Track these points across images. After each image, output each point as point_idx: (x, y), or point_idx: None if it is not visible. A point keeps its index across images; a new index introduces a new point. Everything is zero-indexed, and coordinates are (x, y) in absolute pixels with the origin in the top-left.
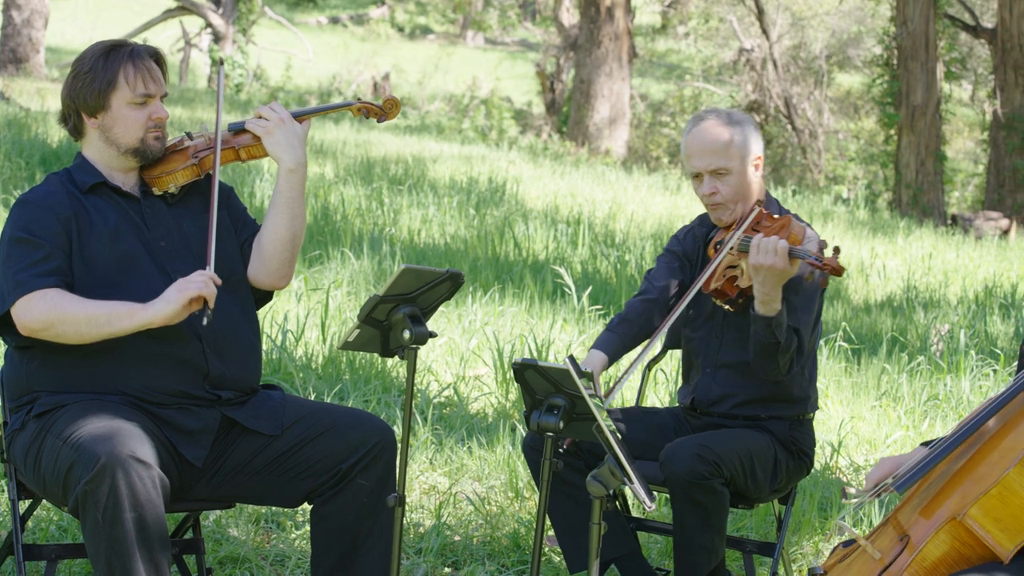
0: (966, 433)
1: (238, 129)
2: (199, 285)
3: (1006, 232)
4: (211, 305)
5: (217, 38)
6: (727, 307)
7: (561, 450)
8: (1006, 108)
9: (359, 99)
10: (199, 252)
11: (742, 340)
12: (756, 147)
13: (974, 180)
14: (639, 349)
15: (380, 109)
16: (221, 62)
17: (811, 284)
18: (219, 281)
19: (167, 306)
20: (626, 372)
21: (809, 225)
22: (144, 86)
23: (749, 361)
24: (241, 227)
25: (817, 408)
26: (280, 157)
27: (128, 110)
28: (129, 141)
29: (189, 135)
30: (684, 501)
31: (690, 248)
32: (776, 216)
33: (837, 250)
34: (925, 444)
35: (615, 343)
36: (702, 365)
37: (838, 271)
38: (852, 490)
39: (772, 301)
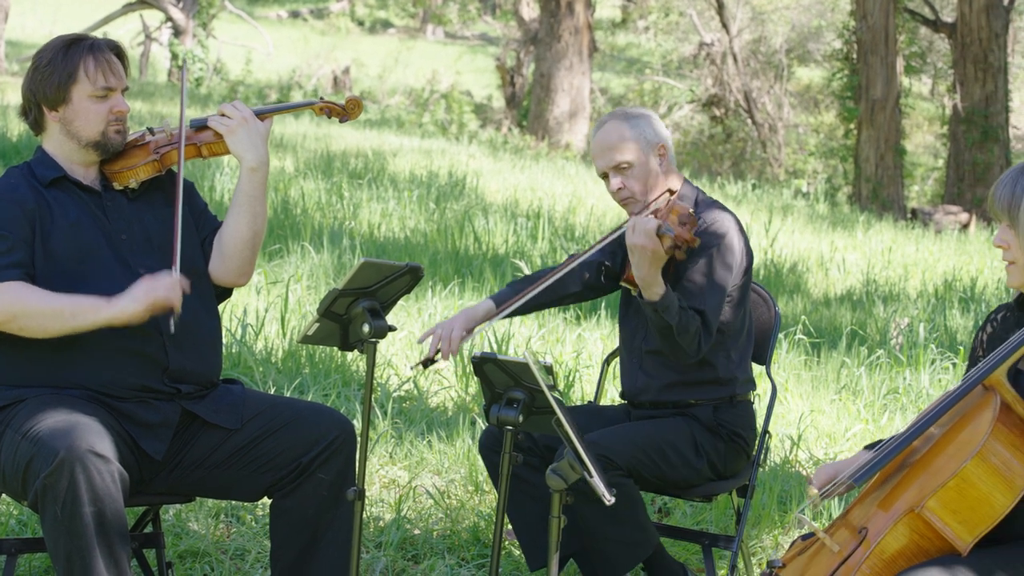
0: (924, 426)
1: (200, 126)
2: (167, 290)
3: (966, 226)
4: (177, 311)
5: (177, 32)
6: (635, 292)
7: (410, 369)
8: (966, 102)
9: (322, 98)
10: (160, 245)
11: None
12: (656, 136)
13: (934, 174)
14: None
15: (342, 109)
16: (184, 62)
17: (713, 262)
18: (188, 290)
19: (133, 304)
20: (489, 320)
21: (728, 211)
22: (105, 79)
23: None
24: (202, 223)
25: (752, 389)
26: (242, 156)
27: (89, 103)
28: (90, 134)
29: (151, 130)
30: (580, 501)
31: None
32: (681, 203)
33: (692, 218)
34: (868, 447)
35: (506, 293)
36: (628, 356)
37: (690, 242)
38: (815, 490)
39: (651, 284)
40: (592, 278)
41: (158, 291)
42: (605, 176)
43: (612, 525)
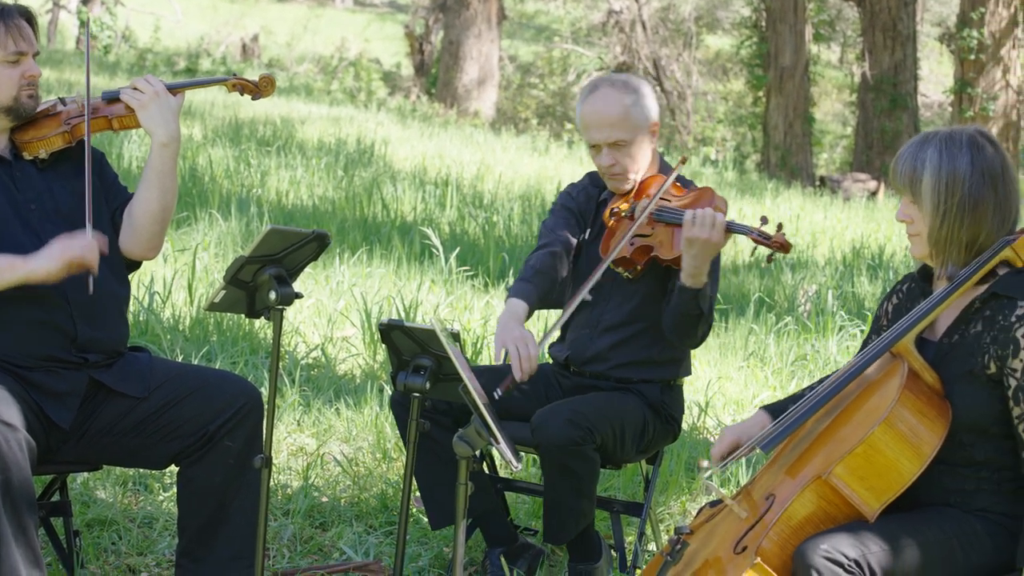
0: (831, 393)
1: (112, 98)
2: (82, 247)
3: (874, 194)
4: (94, 271)
5: None
6: (627, 275)
7: (497, 395)
8: (874, 70)
9: (235, 75)
10: (69, 216)
11: (628, 305)
12: (653, 114)
13: (842, 142)
14: (561, 313)
15: (255, 87)
16: (88, 27)
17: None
18: (105, 249)
19: (49, 263)
20: (554, 325)
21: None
22: (15, 44)
23: (628, 323)
24: (113, 195)
25: (688, 373)
26: (153, 131)
27: (1, 68)
28: (3, 99)
29: (62, 100)
30: (556, 467)
31: (584, 206)
32: (680, 186)
33: (780, 226)
34: (764, 408)
35: (534, 294)
36: (583, 324)
37: (786, 247)
38: (705, 463)
39: (701, 274)
40: (569, 249)
41: (74, 250)
42: (595, 146)
43: (572, 496)
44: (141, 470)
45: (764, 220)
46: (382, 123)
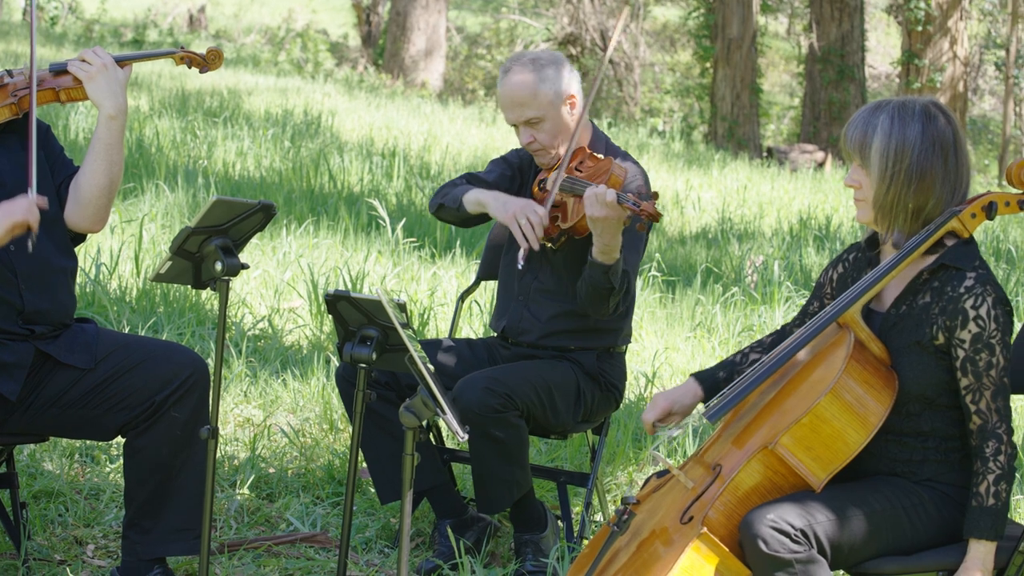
0: (777, 363)
1: (60, 70)
2: (23, 210)
3: (821, 165)
4: (35, 230)
5: None
6: (549, 245)
7: (521, 265)
8: (822, 41)
9: (183, 48)
10: (12, 190)
11: (556, 272)
12: (567, 87)
13: (790, 113)
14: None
15: (203, 60)
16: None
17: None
18: (45, 206)
19: None
20: (556, 180)
21: (632, 160)
22: None
23: (561, 292)
24: (59, 168)
25: (629, 342)
26: (101, 103)
27: None
28: None
29: (9, 72)
30: (479, 435)
31: (526, 167)
32: (599, 156)
33: (655, 195)
34: (695, 376)
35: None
36: (516, 294)
37: (654, 216)
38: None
39: (612, 250)
40: (503, 185)
41: (15, 213)
42: (515, 126)
43: (500, 464)
44: (88, 442)
45: (642, 189)
46: (329, 94)
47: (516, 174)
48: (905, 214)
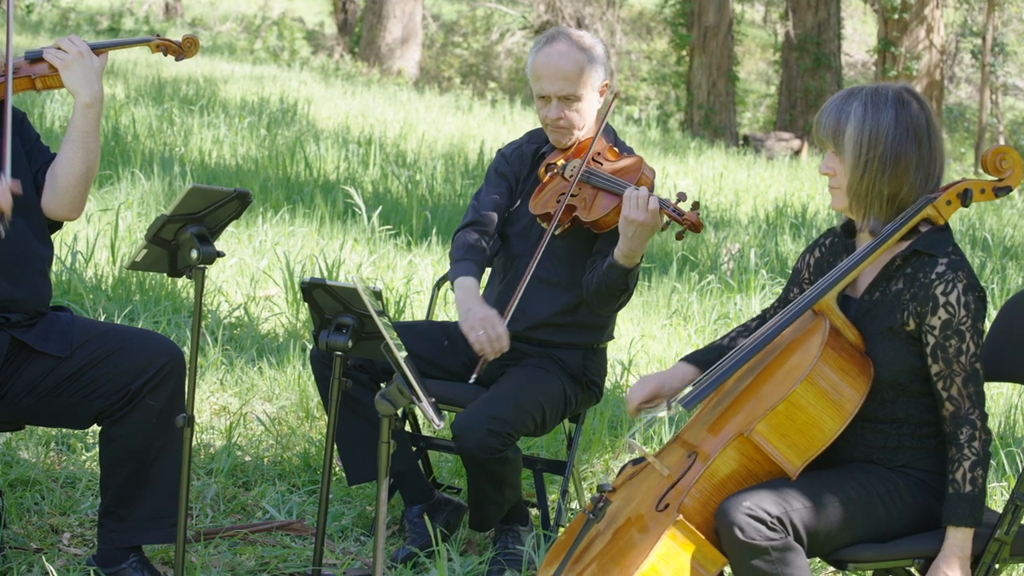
0: (753, 350)
1: (35, 57)
2: None
3: (797, 152)
4: (7, 214)
5: None
6: (556, 233)
7: (472, 380)
8: (798, 29)
9: (159, 36)
10: None
11: (554, 262)
12: (605, 74)
13: (766, 101)
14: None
15: (178, 47)
16: None
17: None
18: (19, 191)
19: None
20: (512, 299)
21: (634, 152)
22: None
23: (555, 283)
24: (35, 155)
25: (612, 338)
26: (77, 91)
27: None
28: None
29: None
30: (479, 472)
31: (518, 168)
32: (619, 151)
33: (696, 205)
34: (684, 360)
35: (474, 267)
36: (512, 279)
37: (696, 227)
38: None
39: (637, 254)
40: (499, 221)
41: None
42: (544, 97)
43: (495, 491)
44: (64, 430)
45: (682, 196)
46: (305, 82)
47: (513, 185)
48: (880, 201)
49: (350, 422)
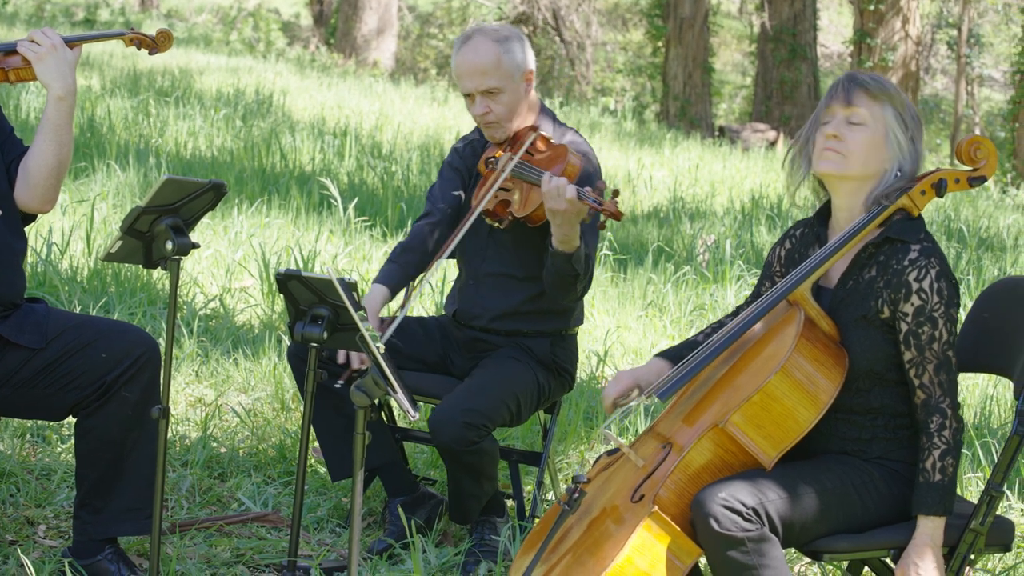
0: (728, 341)
1: (9, 50)
2: None
3: (773, 144)
4: None
5: None
6: (497, 225)
7: (338, 386)
8: (774, 20)
9: (133, 29)
10: None
11: (506, 254)
12: (527, 63)
13: (742, 92)
14: (419, 279)
15: (152, 41)
16: None
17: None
18: None
19: None
20: (403, 307)
21: (581, 136)
22: None
23: (512, 275)
24: (9, 148)
25: (581, 322)
26: (50, 84)
27: None
28: None
29: None
30: (456, 465)
31: (470, 161)
32: (553, 142)
33: (616, 193)
34: (660, 355)
35: (397, 275)
36: (467, 276)
37: (616, 216)
38: (609, 427)
39: (572, 239)
40: (454, 213)
41: None
42: (470, 95)
43: (473, 483)
44: (39, 421)
45: (603, 186)
46: (281, 73)
47: (464, 177)
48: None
49: (331, 418)
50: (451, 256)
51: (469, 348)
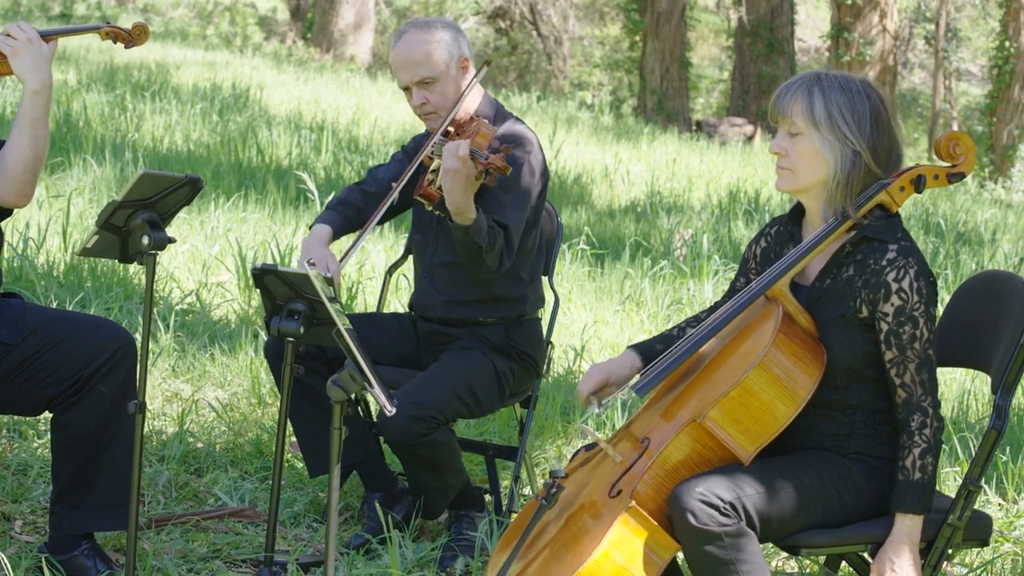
0: (706, 336)
1: None
2: None
3: (750, 138)
4: None
5: None
6: (436, 212)
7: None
8: (751, 15)
9: (109, 23)
10: None
11: (453, 243)
12: (459, 50)
13: (719, 86)
14: (358, 241)
15: (128, 35)
16: None
17: (516, 177)
18: None
19: None
20: (352, 246)
21: (524, 124)
22: None
23: (458, 263)
24: None
25: (541, 307)
26: (26, 78)
27: None
28: None
29: None
30: (410, 459)
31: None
32: (479, 118)
33: (506, 148)
34: (632, 347)
35: (337, 220)
36: (422, 269)
37: (501, 170)
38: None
39: (465, 210)
40: (384, 191)
41: None
42: (407, 89)
43: (432, 477)
44: (15, 416)
45: (496, 144)
46: (257, 68)
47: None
48: (850, 187)
49: (309, 414)
50: (379, 225)
51: (430, 342)
